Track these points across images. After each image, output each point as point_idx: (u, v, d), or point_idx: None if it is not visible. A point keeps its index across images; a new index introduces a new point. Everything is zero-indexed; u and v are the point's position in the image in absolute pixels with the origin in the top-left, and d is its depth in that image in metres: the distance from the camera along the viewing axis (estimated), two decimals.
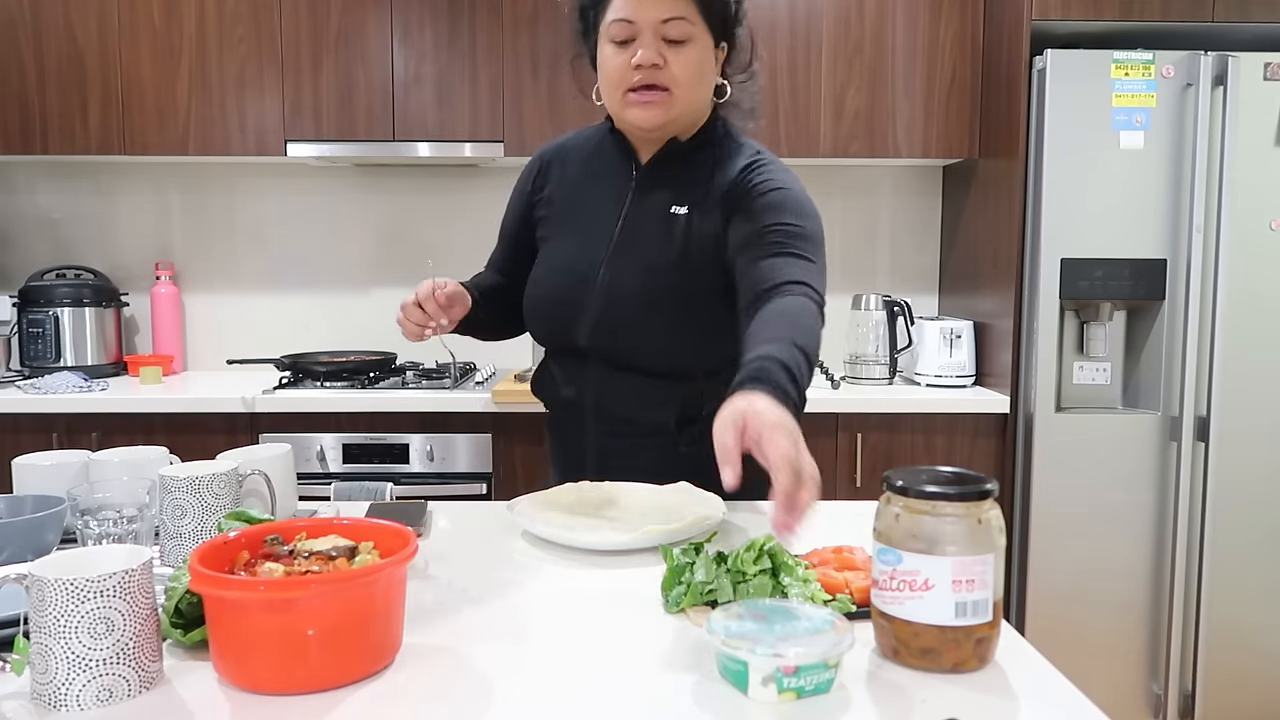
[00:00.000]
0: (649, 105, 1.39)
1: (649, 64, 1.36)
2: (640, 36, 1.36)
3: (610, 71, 1.40)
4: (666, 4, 1.35)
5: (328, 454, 2.56)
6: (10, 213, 3.11)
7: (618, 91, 1.40)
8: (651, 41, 1.36)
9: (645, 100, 1.38)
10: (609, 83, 1.41)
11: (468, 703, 0.83)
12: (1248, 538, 2.52)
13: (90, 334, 2.91)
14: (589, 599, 1.07)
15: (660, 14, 1.35)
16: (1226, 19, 2.49)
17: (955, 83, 2.77)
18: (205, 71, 2.74)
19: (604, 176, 1.51)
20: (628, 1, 1.36)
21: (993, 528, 0.88)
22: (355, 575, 0.85)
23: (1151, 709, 2.56)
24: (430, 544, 1.28)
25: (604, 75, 1.42)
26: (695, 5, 1.37)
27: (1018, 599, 2.56)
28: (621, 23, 1.36)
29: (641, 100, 1.38)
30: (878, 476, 2.58)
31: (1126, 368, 2.63)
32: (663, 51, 1.36)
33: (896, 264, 3.17)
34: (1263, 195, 2.46)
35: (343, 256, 3.13)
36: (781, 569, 1.02)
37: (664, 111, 1.39)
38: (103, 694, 0.81)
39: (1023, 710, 0.82)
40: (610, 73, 1.40)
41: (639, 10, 1.35)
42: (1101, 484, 2.52)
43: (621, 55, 1.38)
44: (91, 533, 1.10)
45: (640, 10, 1.35)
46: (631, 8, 1.35)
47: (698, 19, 1.38)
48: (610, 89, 1.42)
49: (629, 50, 1.37)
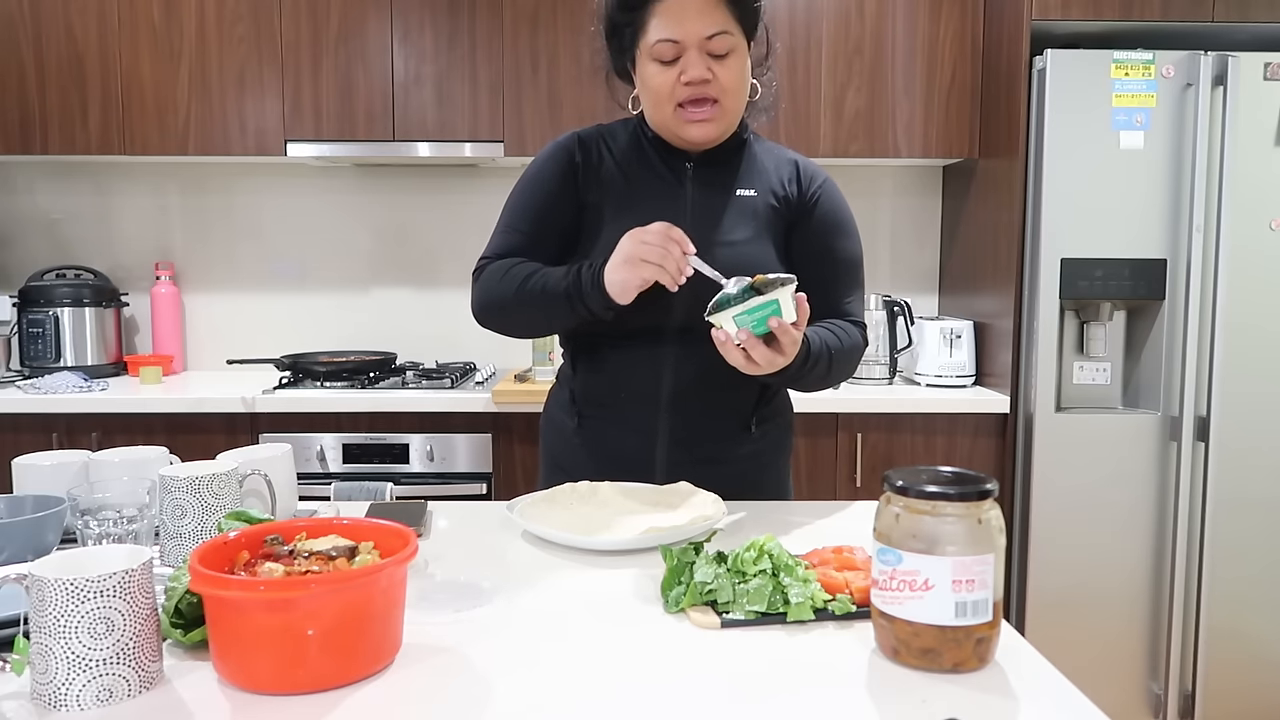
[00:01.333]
0: (705, 123, 1.43)
1: (699, 80, 1.39)
2: (686, 54, 1.40)
3: (658, 88, 1.42)
4: (709, 21, 1.39)
5: (328, 454, 2.56)
6: (10, 213, 3.11)
7: (668, 106, 1.43)
8: (698, 59, 1.39)
9: (701, 118, 1.42)
10: (658, 98, 1.43)
11: (468, 703, 0.83)
12: (1248, 538, 2.52)
13: (90, 334, 2.91)
14: (589, 599, 1.07)
15: (705, 30, 1.39)
16: (1226, 19, 2.49)
17: (955, 83, 2.77)
18: (205, 71, 2.74)
19: (649, 171, 1.51)
20: (671, 22, 1.39)
21: (993, 528, 0.88)
22: (355, 575, 0.85)
23: (1151, 709, 2.56)
24: (430, 544, 1.28)
25: (651, 92, 1.44)
26: (733, 16, 1.41)
27: (1018, 599, 2.56)
28: (667, 43, 1.39)
29: (697, 118, 1.42)
30: (878, 476, 2.58)
31: (1126, 368, 2.63)
32: (710, 66, 1.40)
33: (896, 264, 3.17)
34: (1263, 195, 2.46)
35: (343, 256, 3.13)
36: (781, 569, 1.02)
37: (718, 125, 1.45)
38: (103, 694, 0.81)
39: (1023, 710, 0.82)
40: (658, 89, 1.42)
41: (684, 29, 1.38)
42: (1101, 484, 2.52)
43: (668, 72, 1.41)
44: (91, 533, 1.10)
45: (685, 29, 1.38)
46: (676, 28, 1.38)
47: (736, 29, 1.42)
48: (660, 104, 1.44)
49: (675, 67, 1.40)
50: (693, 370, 1.46)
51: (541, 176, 1.54)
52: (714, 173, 1.51)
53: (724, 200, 1.50)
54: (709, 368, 1.39)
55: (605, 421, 1.53)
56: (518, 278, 1.44)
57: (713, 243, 1.45)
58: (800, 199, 1.53)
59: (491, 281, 1.48)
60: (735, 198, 1.50)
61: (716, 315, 1.26)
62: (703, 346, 1.33)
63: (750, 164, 1.54)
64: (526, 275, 1.44)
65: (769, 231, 1.50)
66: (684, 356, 1.46)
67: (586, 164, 1.52)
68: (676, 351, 1.46)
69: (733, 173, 1.52)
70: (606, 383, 1.52)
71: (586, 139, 1.54)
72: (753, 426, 1.53)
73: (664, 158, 1.52)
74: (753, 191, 1.51)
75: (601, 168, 1.52)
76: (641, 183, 1.51)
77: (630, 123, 1.57)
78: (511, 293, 1.45)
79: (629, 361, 1.49)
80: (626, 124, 1.57)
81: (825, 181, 1.56)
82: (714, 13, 1.39)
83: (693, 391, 1.48)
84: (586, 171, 1.52)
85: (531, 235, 1.51)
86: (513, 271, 1.46)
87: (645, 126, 1.53)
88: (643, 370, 1.48)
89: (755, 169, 1.53)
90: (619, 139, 1.55)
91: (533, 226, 1.52)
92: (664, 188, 1.50)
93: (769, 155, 1.57)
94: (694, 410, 1.49)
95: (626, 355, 1.49)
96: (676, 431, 1.48)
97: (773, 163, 1.55)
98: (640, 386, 1.49)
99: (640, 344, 1.47)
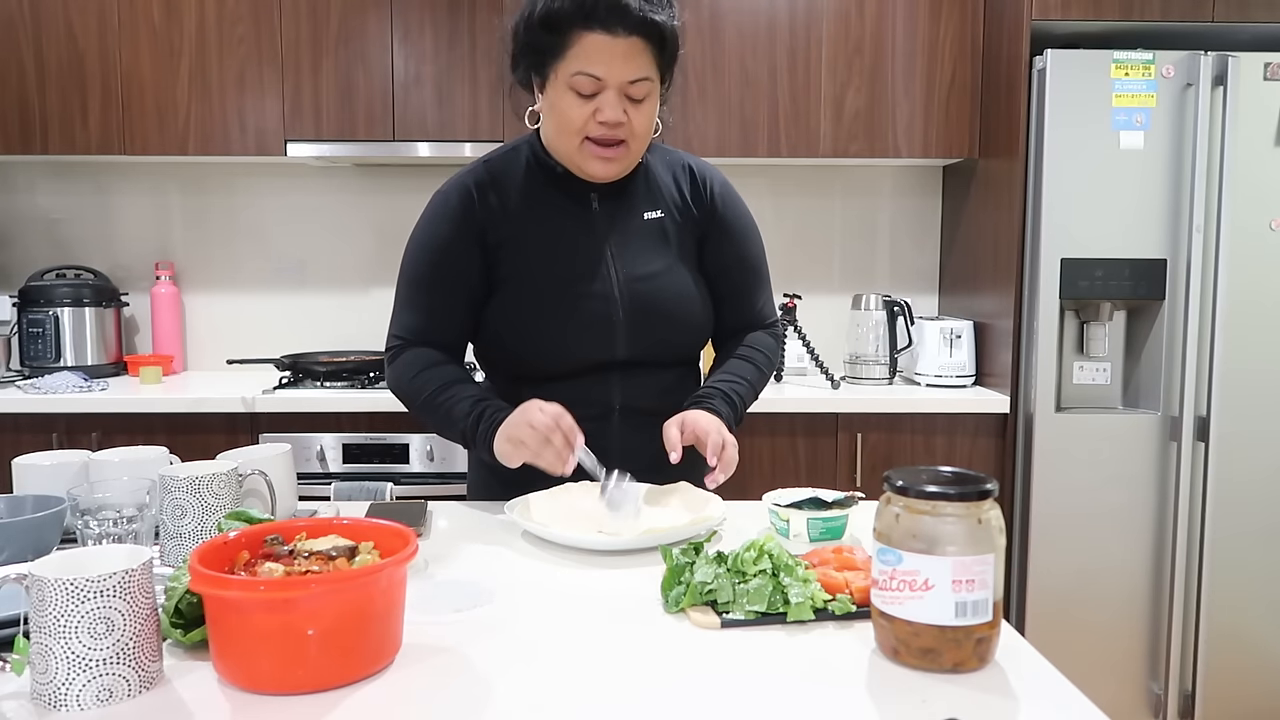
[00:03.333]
0: (610, 162, 1.43)
1: (614, 122, 1.39)
2: (604, 94, 1.39)
3: (570, 120, 1.41)
4: (634, 66, 1.38)
5: (328, 454, 2.56)
6: (10, 213, 3.11)
7: (575, 138, 1.42)
8: (615, 101, 1.39)
9: (608, 156, 1.43)
10: (567, 128, 1.42)
11: (468, 703, 0.83)
12: (1248, 538, 2.52)
13: (90, 334, 2.91)
14: (589, 599, 1.07)
15: (628, 74, 1.38)
16: (1226, 19, 2.49)
17: (955, 83, 2.77)
18: (205, 72, 2.74)
19: (552, 204, 1.50)
20: (596, 59, 1.37)
21: (993, 528, 0.88)
22: (355, 575, 0.85)
23: (1151, 709, 2.56)
24: (430, 544, 1.28)
25: (562, 121, 1.42)
26: (655, 62, 1.41)
27: (1018, 599, 2.56)
28: (588, 78, 1.38)
29: (602, 155, 1.42)
30: (878, 476, 2.58)
31: (1126, 368, 2.62)
32: (625, 109, 1.40)
33: (896, 264, 3.17)
34: (1263, 195, 2.45)
35: (343, 256, 3.13)
36: (781, 569, 1.02)
37: (621, 165, 1.46)
38: (103, 694, 0.81)
39: (1023, 710, 0.82)
40: (570, 120, 1.41)
41: (609, 69, 1.37)
42: (1101, 484, 2.52)
43: (583, 107, 1.39)
44: (91, 533, 1.10)
45: (609, 69, 1.37)
46: (600, 65, 1.37)
47: (656, 75, 1.42)
48: (568, 135, 1.42)
49: (590, 103, 1.39)
50: (640, 386, 1.51)
51: (436, 238, 1.49)
52: (618, 200, 1.52)
53: (634, 227, 1.51)
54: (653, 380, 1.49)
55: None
56: (423, 391, 1.45)
57: (635, 278, 1.48)
58: (701, 208, 1.55)
59: (401, 379, 1.49)
60: (644, 223, 1.52)
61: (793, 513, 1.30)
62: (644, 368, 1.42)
63: (649, 182, 1.54)
64: (432, 392, 1.44)
65: (681, 253, 1.53)
66: (630, 377, 1.50)
67: (486, 213, 1.48)
68: (622, 375, 1.50)
69: (635, 195, 1.53)
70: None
71: (481, 185, 1.50)
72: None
73: (567, 189, 1.51)
74: (658, 212, 1.53)
75: (505, 212, 1.49)
76: (551, 221, 1.50)
77: (520, 151, 1.53)
78: (417, 404, 1.47)
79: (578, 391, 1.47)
80: (516, 152, 1.54)
81: (721, 186, 1.58)
82: (640, 58, 1.38)
83: (639, 403, 1.51)
84: (484, 224, 1.48)
85: (436, 311, 1.50)
86: (419, 379, 1.46)
87: (541, 154, 1.51)
88: (593, 395, 1.49)
89: (654, 185, 1.55)
90: (514, 173, 1.52)
91: (435, 301, 1.50)
92: (575, 224, 1.50)
93: (662, 164, 1.57)
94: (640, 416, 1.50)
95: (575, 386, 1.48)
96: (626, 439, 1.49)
97: (668, 172, 1.56)
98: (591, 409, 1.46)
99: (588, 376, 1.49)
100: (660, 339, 1.52)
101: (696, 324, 1.56)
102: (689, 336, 1.57)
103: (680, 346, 1.57)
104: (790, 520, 1.28)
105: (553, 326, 1.48)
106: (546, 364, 1.50)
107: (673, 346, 1.55)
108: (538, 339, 1.48)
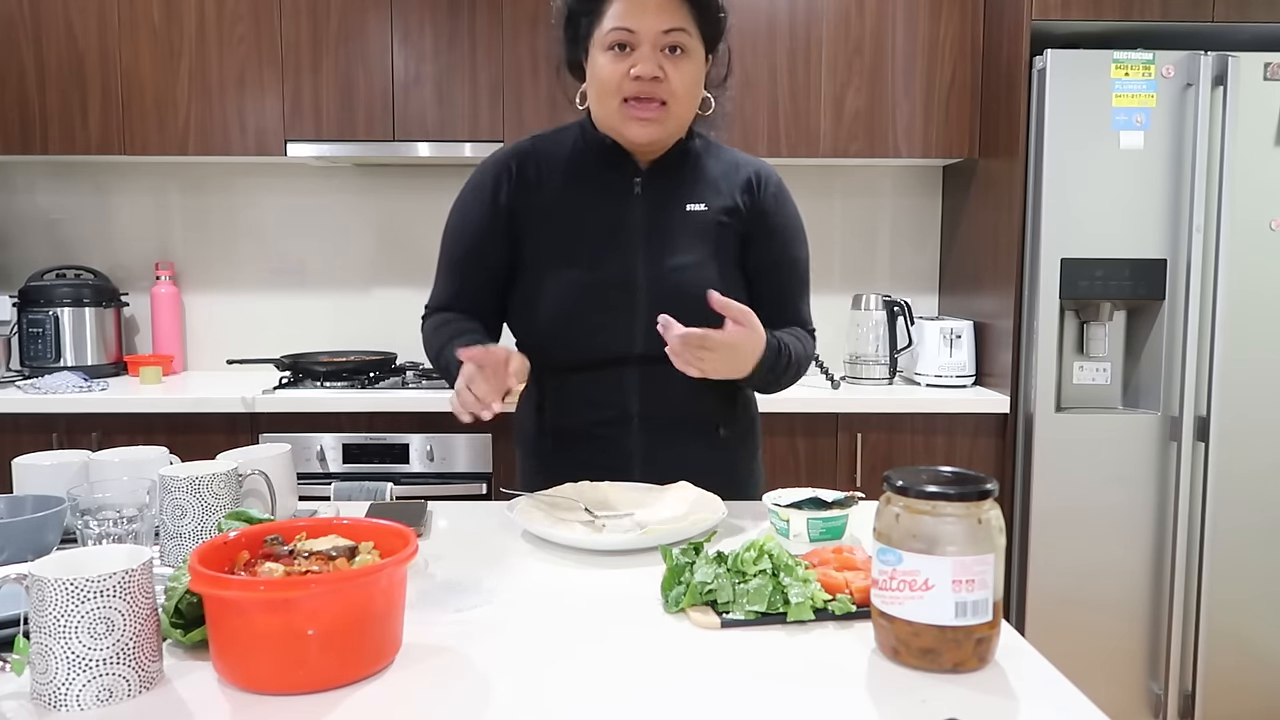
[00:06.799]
0: (648, 122, 1.39)
1: (649, 76, 1.36)
2: (639, 47, 1.36)
3: (606, 79, 1.38)
4: (668, 15, 1.36)
5: (328, 454, 2.56)
6: (10, 213, 3.11)
7: (614, 100, 1.39)
8: (650, 54, 1.36)
9: (644, 116, 1.38)
10: (604, 90, 1.39)
11: (468, 703, 0.83)
12: (1247, 537, 2.52)
13: (90, 334, 2.90)
14: (589, 599, 1.07)
15: (662, 24, 1.35)
16: (1226, 19, 2.49)
17: (955, 83, 2.77)
18: (205, 71, 2.74)
19: (595, 182, 1.48)
20: (628, 11, 1.35)
21: (993, 528, 0.88)
22: (355, 575, 0.85)
23: (1151, 709, 2.56)
24: (430, 544, 1.28)
25: (598, 83, 1.40)
26: (693, 17, 1.38)
27: (1018, 599, 2.56)
28: (621, 30, 1.36)
29: (640, 116, 1.38)
30: (878, 476, 2.58)
31: (1126, 368, 2.62)
32: (661, 63, 1.36)
33: (896, 264, 3.17)
34: (1263, 195, 2.45)
35: (343, 256, 3.13)
36: (781, 569, 1.02)
37: (661, 127, 1.41)
38: (103, 694, 0.81)
39: (1023, 710, 0.82)
40: (606, 80, 1.38)
41: (641, 20, 1.35)
42: (1101, 484, 2.52)
43: (618, 64, 1.37)
44: (91, 533, 1.10)
45: (642, 20, 1.35)
46: (633, 18, 1.35)
47: (694, 30, 1.39)
48: (605, 97, 1.40)
49: (626, 60, 1.37)
50: (659, 390, 1.47)
51: (468, 209, 1.53)
52: (662, 186, 1.48)
53: (673, 217, 1.47)
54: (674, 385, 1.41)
55: (577, 442, 1.51)
56: (434, 347, 1.50)
57: (663, 266, 1.45)
58: (752, 208, 1.51)
59: (426, 338, 1.55)
60: (685, 213, 1.48)
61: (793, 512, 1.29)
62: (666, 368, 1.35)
63: (700, 175, 1.50)
64: (440, 346, 1.47)
65: (719, 250, 1.48)
66: (649, 379, 1.46)
67: (515, 194, 1.48)
68: (641, 374, 1.47)
69: (681, 185, 1.49)
70: (576, 408, 1.51)
71: (514, 162, 1.49)
72: (720, 429, 1.53)
73: (611, 170, 1.48)
74: (702, 205, 1.48)
75: (535, 197, 1.48)
76: (587, 199, 1.47)
77: (572, 130, 1.52)
78: (432, 358, 1.51)
79: (596, 388, 1.48)
80: (567, 130, 1.53)
81: (776, 187, 1.54)
82: (674, 10, 1.36)
83: (660, 409, 1.48)
84: (512, 202, 1.48)
85: (468, 275, 1.53)
86: (435, 335, 1.51)
87: (590, 131, 1.49)
88: (613, 395, 1.48)
89: (705, 180, 1.50)
90: (560, 147, 1.50)
91: (468, 266, 1.53)
92: (611, 206, 1.47)
93: (720, 164, 1.53)
94: (663, 424, 1.48)
95: (594, 383, 1.48)
96: (648, 448, 1.48)
97: (724, 172, 1.52)
98: (609, 412, 1.48)
99: (607, 371, 1.47)
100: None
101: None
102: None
103: None
104: (790, 520, 1.28)
105: (568, 309, 1.45)
106: (562, 352, 1.47)
107: None
108: (552, 322, 1.46)
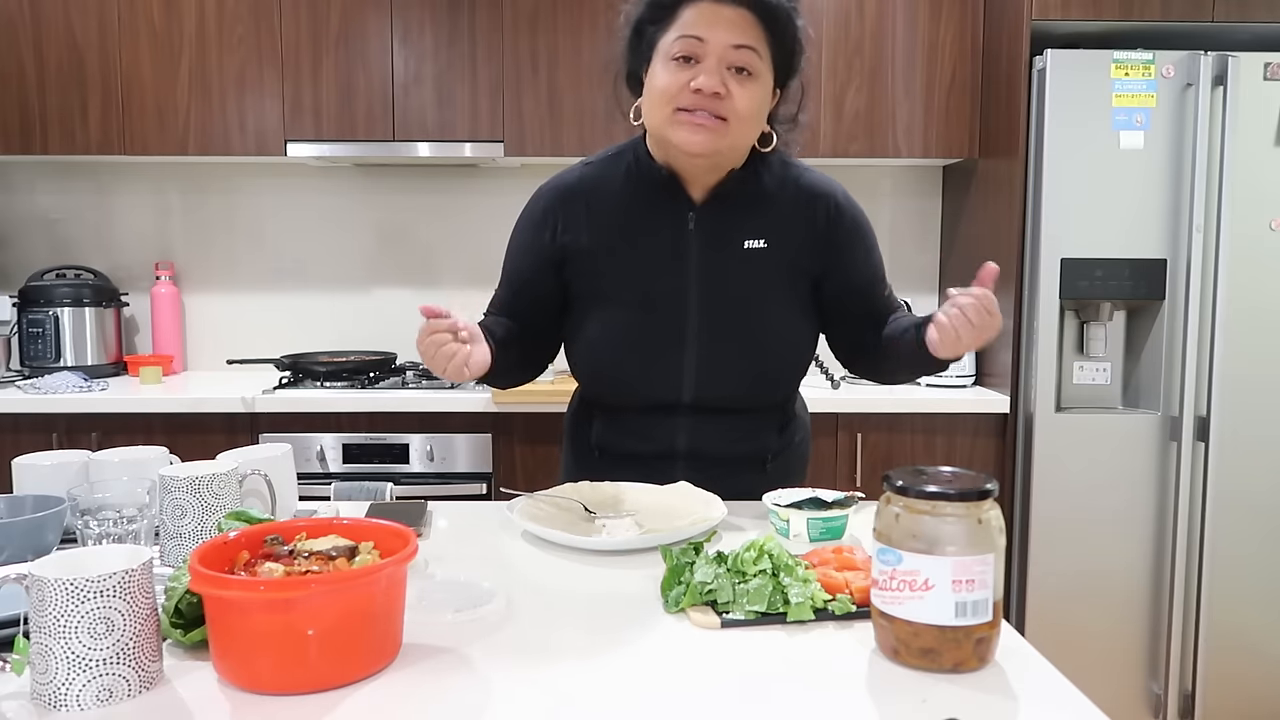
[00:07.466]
0: (700, 128, 1.30)
1: (710, 90, 1.28)
2: (705, 60, 1.28)
3: (664, 86, 1.30)
4: (740, 31, 1.28)
5: (328, 454, 2.56)
6: (10, 213, 3.11)
7: (668, 107, 1.30)
8: (716, 67, 1.28)
9: (696, 121, 1.30)
10: (660, 97, 1.31)
11: (468, 703, 0.83)
12: (1247, 537, 2.52)
13: (90, 334, 2.90)
14: (589, 599, 1.07)
15: (733, 39, 1.28)
16: (1226, 19, 2.49)
17: (955, 83, 2.77)
18: (205, 72, 2.74)
19: (646, 218, 1.41)
20: (700, 20, 1.28)
21: (993, 528, 0.88)
22: (355, 575, 0.85)
23: (1151, 709, 2.56)
24: (430, 544, 1.28)
25: (655, 90, 1.32)
26: (766, 39, 1.31)
27: (1018, 599, 2.56)
28: (689, 39, 1.28)
29: (692, 121, 1.30)
30: (878, 476, 2.58)
31: (1126, 368, 2.62)
32: (726, 80, 1.29)
33: (896, 264, 3.16)
34: (1263, 195, 2.45)
35: (343, 256, 3.13)
36: (781, 569, 1.02)
37: (715, 138, 1.31)
38: (103, 694, 0.81)
39: (1023, 710, 0.82)
40: (664, 87, 1.30)
41: (712, 30, 1.27)
42: (1101, 484, 2.52)
43: (680, 73, 1.29)
44: (91, 533, 1.10)
45: (713, 30, 1.27)
46: (704, 27, 1.28)
47: (765, 54, 1.32)
48: (660, 103, 1.31)
49: (689, 71, 1.29)
50: (708, 432, 1.46)
51: (521, 240, 1.49)
52: (719, 221, 1.40)
53: (732, 255, 1.40)
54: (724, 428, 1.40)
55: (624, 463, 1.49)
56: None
57: (716, 312, 1.40)
58: (829, 244, 1.43)
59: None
60: (743, 252, 1.40)
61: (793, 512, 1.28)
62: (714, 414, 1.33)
63: (763, 208, 1.41)
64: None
65: (785, 289, 1.43)
66: (698, 423, 1.45)
67: (564, 232, 1.43)
68: (690, 419, 1.45)
69: (739, 219, 1.41)
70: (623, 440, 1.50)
71: (563, 198, 1.44)
72: (767, 463, 1.52)
73: (664, 203, 1.40)
74: (762, 243, 1.40)
75: (585, 234, 1.42)
76: (638, 238, 1.41)
77: (624, 155, 1.45)
78: None
79: (643, 425, 1.47)
80: (619, 157, 1.45)
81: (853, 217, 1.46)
82: (747, 28, 1.29)
83: (708, 448, 1.47)
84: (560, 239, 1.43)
85: (516, 297, 1.50)
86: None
87: (645, 158, 1.41)
88: (659, 433, 1.47)
89: (769, 214, 1.41)
90: (611, 180, 1.43)
91: (517, 289, 1.50)
92: (663, 245, 1.40)
93: (790, 192, 1.43)
94: (711, 461, 1.47)
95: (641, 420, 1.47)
96: (694, 479, 1.43)
97: (790, 203, 1.42)
98: (656, 446, 1.47)
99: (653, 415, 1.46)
100: (735, 386, 1.43)
101: (785, 368, 1.47)
102: (772, 382, 1.47)
103: (762, 393, 1.47)
104: (790, 520, 1.28)
105: (616, 355, 1.42)
106: (608, 396, 1.47)
107: (752, 392, 1.45)
108: (598, 364, 1.45)
